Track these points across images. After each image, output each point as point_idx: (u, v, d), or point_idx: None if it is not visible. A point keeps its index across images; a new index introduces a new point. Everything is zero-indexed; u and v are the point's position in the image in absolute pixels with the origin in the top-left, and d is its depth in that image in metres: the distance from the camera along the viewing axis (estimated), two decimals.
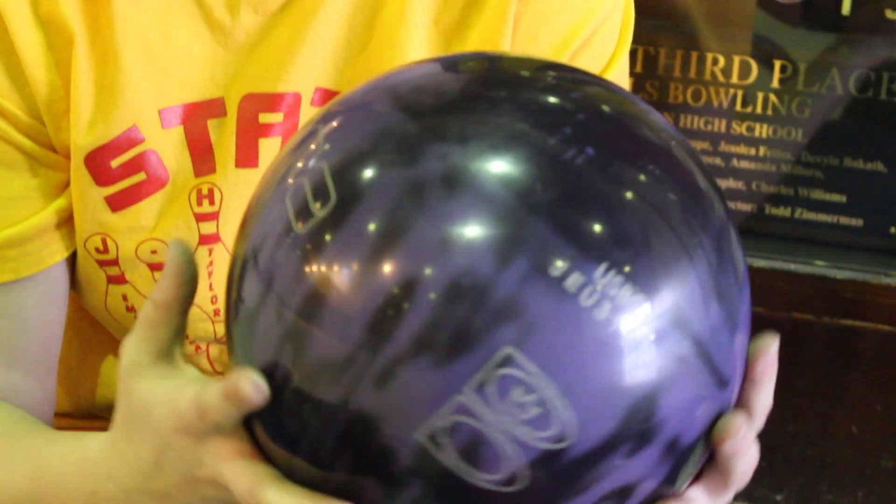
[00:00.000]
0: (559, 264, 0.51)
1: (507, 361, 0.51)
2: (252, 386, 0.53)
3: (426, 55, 0.73)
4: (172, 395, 0.57)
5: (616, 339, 0.52)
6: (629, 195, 0.52)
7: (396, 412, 0.51)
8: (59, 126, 0.74)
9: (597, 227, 0.52)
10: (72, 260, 0.78)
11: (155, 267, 0.75)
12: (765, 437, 1.48)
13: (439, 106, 0.54)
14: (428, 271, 0.51)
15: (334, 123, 0.56)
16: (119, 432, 0.61)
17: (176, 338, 0.59)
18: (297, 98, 0.74)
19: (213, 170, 0.75)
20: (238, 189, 0.74)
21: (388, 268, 0.51)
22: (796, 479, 1.41)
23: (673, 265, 0.52)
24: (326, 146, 0.54)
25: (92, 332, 0.84)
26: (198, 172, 0.75)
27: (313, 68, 0.74)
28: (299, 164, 0.55)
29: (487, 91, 0.55)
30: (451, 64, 0.58)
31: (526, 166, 0.52)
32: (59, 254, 0.76)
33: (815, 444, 1.40)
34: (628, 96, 0.58)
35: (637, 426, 0.53)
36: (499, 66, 0.58)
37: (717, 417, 0.55)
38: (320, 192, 0.53)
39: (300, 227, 0.53)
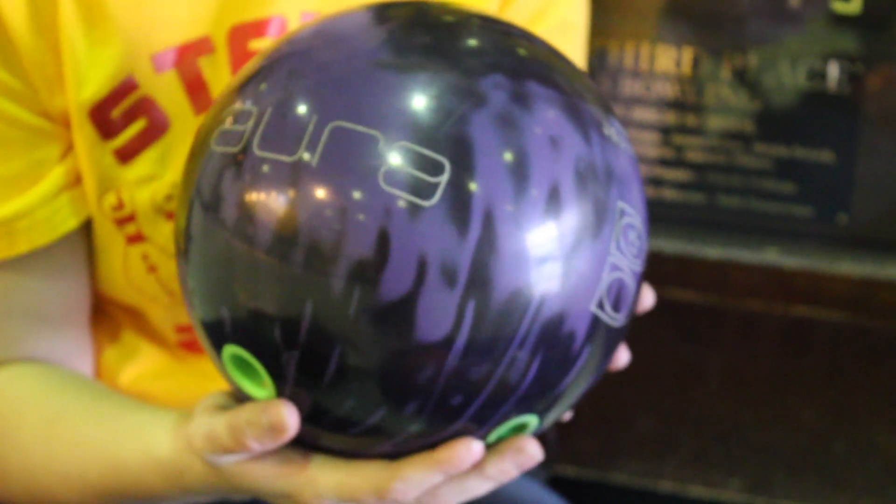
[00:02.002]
0: (606, 126, 0.63)
1: (623, 212, 0.62)
2: None
3: None
4: None
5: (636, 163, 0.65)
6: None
7: (575, 297, 0.60)
8: (53, 90, 0.73)
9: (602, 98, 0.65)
10: (85, 233, 0.78)
11: (172, 216, 0.75)
12: (720, 424, 1.49)
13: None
14: (561, 176, 0.60)
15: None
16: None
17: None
18: (283, 22, 0.75)
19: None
20: None
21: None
22: (751, 465, 1.43)
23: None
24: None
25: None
26: (198, 110, 0.75)
27: None
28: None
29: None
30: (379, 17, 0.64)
31: None
32: (72, 219, 0.76)
33: (768, 431, 1.41)
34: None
35: None
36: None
37: None
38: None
39: None
